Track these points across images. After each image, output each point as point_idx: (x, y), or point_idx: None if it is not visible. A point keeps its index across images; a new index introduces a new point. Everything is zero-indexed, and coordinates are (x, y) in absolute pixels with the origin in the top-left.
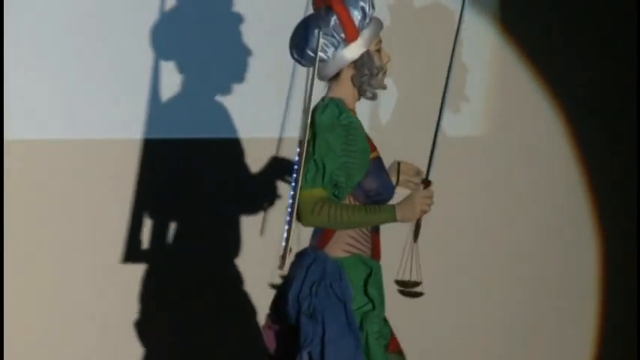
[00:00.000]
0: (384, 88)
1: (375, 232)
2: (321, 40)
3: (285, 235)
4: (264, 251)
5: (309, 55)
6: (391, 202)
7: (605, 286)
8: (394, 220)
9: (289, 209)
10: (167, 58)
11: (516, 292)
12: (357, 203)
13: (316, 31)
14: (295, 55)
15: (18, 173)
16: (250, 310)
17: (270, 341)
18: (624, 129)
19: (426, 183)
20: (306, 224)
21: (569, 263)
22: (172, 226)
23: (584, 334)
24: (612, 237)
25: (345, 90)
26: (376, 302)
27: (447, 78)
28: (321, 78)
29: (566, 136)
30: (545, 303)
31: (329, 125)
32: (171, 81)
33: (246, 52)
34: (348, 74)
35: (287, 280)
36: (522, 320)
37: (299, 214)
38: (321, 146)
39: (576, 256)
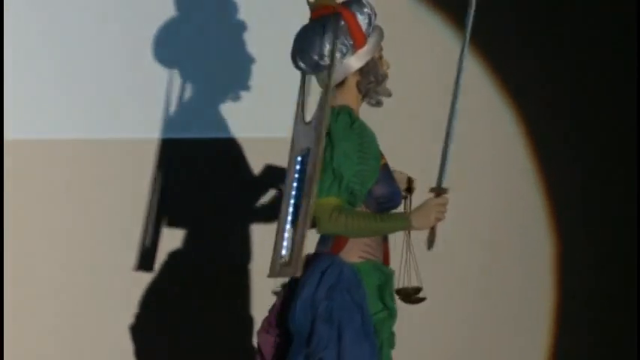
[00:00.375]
0: (389, 95)
1: (385, 239)
2: (330, 47)
3: (285, 243)
4: (266, 251)
5: (315, 61)
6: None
7: (561, 287)
8: (409, 227)
9: (289, 217)
10: (167, 57)
11: (472, 295)
12: (368, 211)
13: (327, 37)
14: (300, 62)
15: (18, 173)
16: (252, 312)
17: (266, 346)
18: (585, 134)
19: (439, 191)
20: (322, 231)
21: (526, 268)
22: (172, 226)
23: (540, 339)
24: (569, 240)
25: (350, 97)
26: (392, 310)
27: (457, 85)
28: (324, 85)
29: (525, 142)
30: (502, 304)
31: (343, 133)
32: (172, 81)
33: (248, 51)
34: (353, 81)
35: (294, 284)
36: (478, 324)
37: (315, 221)
38: (339, 155)
39: (534, 262)
